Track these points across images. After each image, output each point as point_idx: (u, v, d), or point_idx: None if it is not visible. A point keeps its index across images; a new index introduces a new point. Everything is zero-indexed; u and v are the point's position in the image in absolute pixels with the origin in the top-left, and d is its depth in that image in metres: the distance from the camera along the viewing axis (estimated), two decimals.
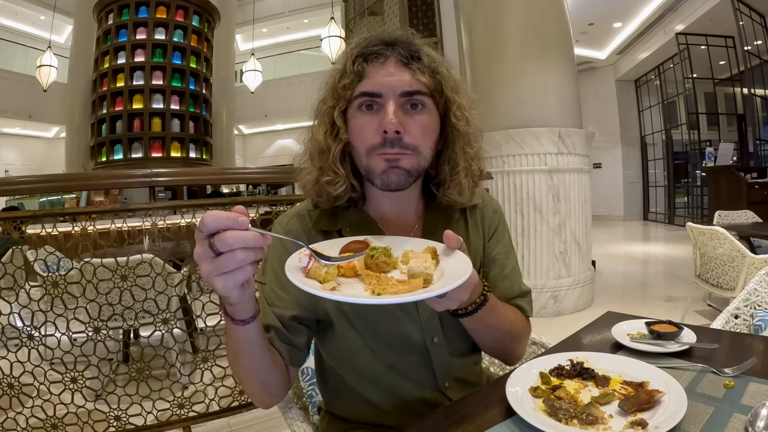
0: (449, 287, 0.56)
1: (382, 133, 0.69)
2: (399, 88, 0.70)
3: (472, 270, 0.60)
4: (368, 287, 0.59)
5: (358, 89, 0.72)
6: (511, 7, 3.47)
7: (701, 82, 8.01)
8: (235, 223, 0.49)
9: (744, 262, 2.40)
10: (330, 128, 0.75)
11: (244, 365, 0.66)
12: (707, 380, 0.66)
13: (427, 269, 0.60)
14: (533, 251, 3.36)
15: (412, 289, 0.57)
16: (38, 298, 1.70)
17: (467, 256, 0.63)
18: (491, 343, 0.81)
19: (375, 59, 0.72)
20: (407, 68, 0.71)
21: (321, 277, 0.59)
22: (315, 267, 0.60)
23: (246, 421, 2.02)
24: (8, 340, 1.65)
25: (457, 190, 0.77)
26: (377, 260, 0.64)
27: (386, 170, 0.71)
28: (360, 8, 6.92)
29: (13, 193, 3.64)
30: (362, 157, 0.73)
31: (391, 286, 0.59)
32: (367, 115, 0.72)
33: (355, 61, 0.73)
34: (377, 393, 0.80)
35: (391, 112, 0.69)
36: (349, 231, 0.77)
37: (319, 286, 0.57)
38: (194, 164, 7.86)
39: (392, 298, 0.55)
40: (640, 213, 10.35)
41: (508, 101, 3.45)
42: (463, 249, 0.65)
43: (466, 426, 0.60)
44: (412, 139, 0.71)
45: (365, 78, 0.72)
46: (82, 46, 8.00)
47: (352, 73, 0.72)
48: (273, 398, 0.75)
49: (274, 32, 11.95)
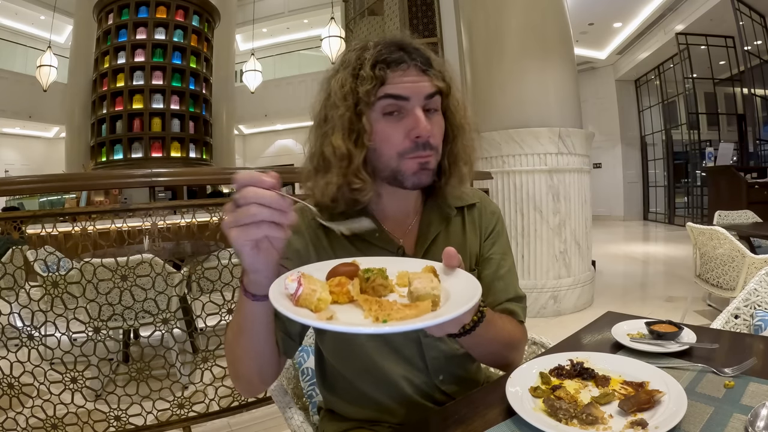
0: (463, 309, 0.51)
1: (413, 138, 0.73)
2: (423, 92, 0.73)
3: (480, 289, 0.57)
4: (369, 313, 0.54)
5: (383, 91, 0.73)
6: (511, 7, 3.47)
7: (701, 82, 8.01)
8: (258, 181, 0.52)
9: (744, 262, 2.40)
10: (349, 133, 0.74)
11: (244, 345, 0.67)
12: (707, 380, 0.66)
13: (433, 290, 0.55)
14: (533, 251, 3.36)
15: (421, 313, 0.52)
16: (38, 298, 1.70)
17: (470, 274, 0.61)
18: (489, 356, 0.81)
19: (396, 66, 0.73)
20: (425, 74, 0.75)
21: (313, 304, 0.54)
22: (306, 293, 0.55)
23: (246, 421, 2.02)
24: (8, 340, 1.65)
25: (457, 178, 0.82)
26: (373, 283, 0.59)
27: (418, 172, 0.75)
28: (360, 8, 6.92)
29: (13, 193, 3.64)
30: (391, 160, 0.74)
31: (397, 311, 0.53)
32: (393, 120, 0.74)
33: (375, 65, 0.73)
34: (374, 387, 0.81)
35: (423, 118, 0.72)
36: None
37: (312, 316, 0.53)
38: (194, 164, 7.85)
39: (400, 326, 0.50)
40: (640, 213, 10.35)
41: (508, 101, 3.45)
42: (462, 266, 0.63)
43: (466, 426, 0.60)
44: (435, 140, 0.76)
45: (388, 83, 0.73)
46: (82, 46, 8.00)
47: (372, 79, 0.72)
48: (264, 384, 0.76)
49: (274, 32, 11.95)
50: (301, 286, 0.55)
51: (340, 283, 0.59)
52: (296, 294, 0.55)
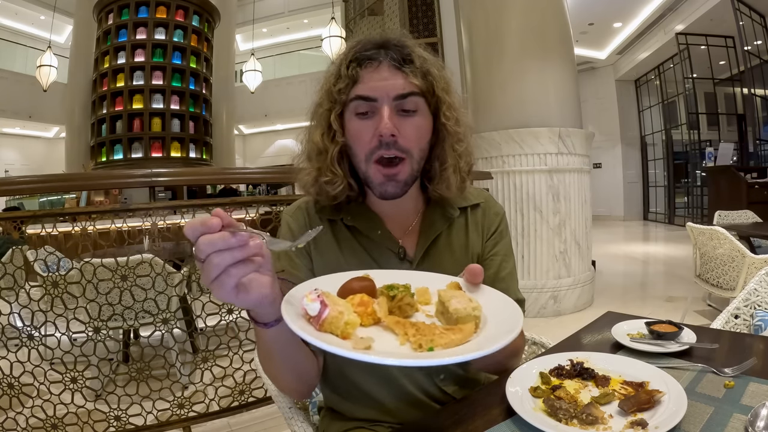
0: (511, 336, 0.46)
1: (378, 137, 0.72)
2: (393, 92, 0.72)
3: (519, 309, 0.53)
4: (404, 339, 0.48)
5: (353, 93, 0.74)
6: (511, 7, 3.47)
7: (701, 82, 8.01)
8: (207, 228, 0.47)
9: (744, 262, 2.40)
10: (327, 130, 0.77)
11: (277, 366, 0.67)
12: (707, 380, 0.66)
13: (474, 310, 0.51)
14: (533, 251, 3.36)
15: (466, 338, 0.47)
16: (38, 298, 1.70)
17: (498, 291, 0.60)
18: (491, 365, 0.81)
19: (368, 64, 0.73)
20: (400, 71, 0.73)
21: (339, 329, 0.49)
22: (332, 317, 0.49)
23: (246, 421, 2.02)
24: (8, 340, 1.65)
25: (445, 185, 0.80)
26: (400, 302, 0.54)
27: (383, 182, 0.74)
28: (360, 8, 6.92)
29: (13, 193, 3.64)
30: (361, 162, 0.75)
31: (440, 336, 0.47)
32: (363, 120, 0.74)
33: (349, 65, 0.74)
34: (375, 386, 0.81)
35: (386, 117, 0.71)
36: (351, 220, 0.80)
37: (347, 345, 0.47)
38: (194, 164, 7.86)
39: (448, 357, 0.44)
40: (640, 213, 10.35)
41: (508, 101, 3.45)
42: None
43: (466, 426, 0.60)
44: (406, 142, 0.73)
45: (360, 82, 0.73)
46: (82, 46, 8.00)
47: (346, 78, 0.74)
48: (310, 387, 0.77)
49: (274, 32, 11.94)
50: (326, 308, 0.49)
51: (363, 302, 0.54)
52: (321, 317, 0.49)
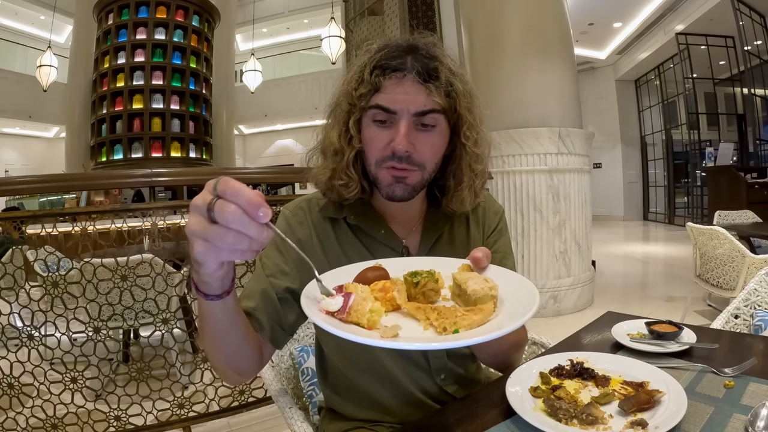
0: (530, 313, 0.46)
1: (392, 150, 0.71)
2: (413, 108, 0.71)
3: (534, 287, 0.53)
4: (427, 324, 0.48)
5: (374, 101, 0.72)
6: (511, 7, 3.47)
7: (701, 82, 8.01)
8: (247, 204, 0.43)
9: (744, 262, 2.40)
10: (344, 133, 0.76)
11: (209, 339, 0.64)
12: (707, 380, 0.66)
13: (491, 290, 0.51)
14: (533, 251, 3.36)
15: (487, 318, 0.48)
16: (38, 298, 1.70)
17: (507, 270, 0.60)
18: (496, 356, 0.82)
19: (392, 74, 0.71)
20: (423, 87, 0.71)
21: (365, 316, 0.48)
22: (358, 303, 0.48)
23: (246, 421, 2.02)
24: (8, 340, 1.65)
25: (459, 201, 0.80)
26: (424, 288, 0.53)
27: (392, 184, 0.74)
28: (360, 8, 6.92)
29: (13, 193, 3.64)
30: (372, 166, 0.75)
31: (462, 317, 0.47)
32: (380, 128, 0.73)
33: (372, 71, 0.72)
34: (376, 385, 0.81)
35: (403, 133, 0.70)
36: (355, 219, 0.79)
37: (376, 335, 0.46)
38: (194, 164, 7.86)
39: (475, 337, 0.45)
40: (640, 213, 10.35)
41: (508, 101, 3.45)
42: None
43: (466, 426, 0.60)
44: (420, 157, 0.72)
45: (381, 91, 0.72)
46: (82, 46, 8.01)
47: (368, 84, 0.72)
48: (240, 375, 0.73)
49: (274, 32, 11.94)
50: (351, 295, 0.49)
51: (384, 288, 0.53)
52: (346, 306, 0.48)
